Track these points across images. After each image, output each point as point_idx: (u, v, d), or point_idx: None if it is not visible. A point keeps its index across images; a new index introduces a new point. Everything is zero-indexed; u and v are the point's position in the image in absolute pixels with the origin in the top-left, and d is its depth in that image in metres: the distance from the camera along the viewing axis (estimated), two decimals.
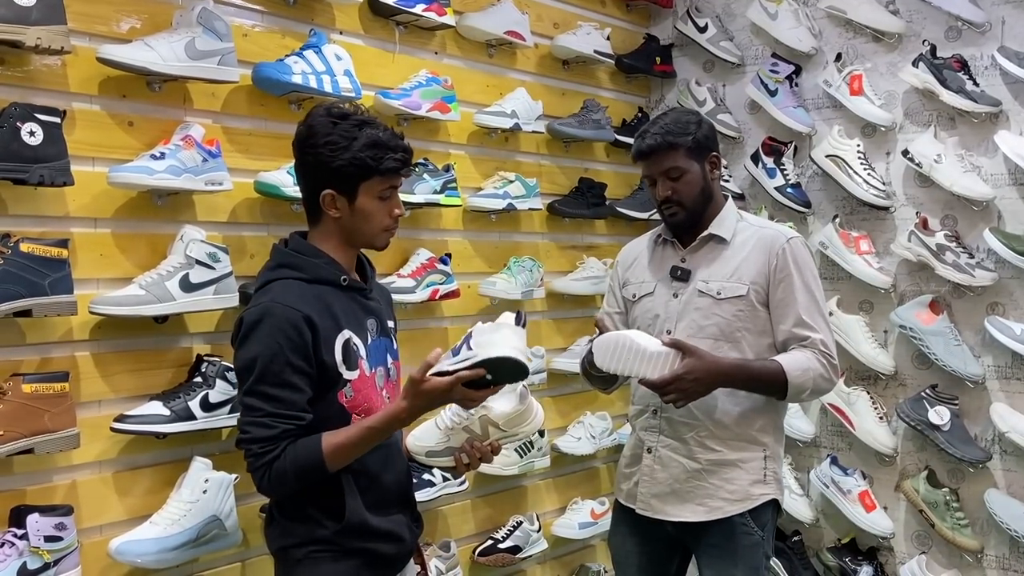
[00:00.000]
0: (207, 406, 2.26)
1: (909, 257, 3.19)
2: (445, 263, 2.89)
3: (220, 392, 2.28)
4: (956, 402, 3.12)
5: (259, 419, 1.77)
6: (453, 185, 2.91)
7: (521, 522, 3.13)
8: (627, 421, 2.55)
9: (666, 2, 3.82)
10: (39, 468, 2.09)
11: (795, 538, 3.40)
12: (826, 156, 3.34)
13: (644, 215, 3.59)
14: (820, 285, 2.29)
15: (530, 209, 3.21)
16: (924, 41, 3.20)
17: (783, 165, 3.46)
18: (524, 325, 1.78)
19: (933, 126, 3.22)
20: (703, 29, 3.68)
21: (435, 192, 2.84)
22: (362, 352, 1.90)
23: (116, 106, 2.24)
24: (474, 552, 3.03)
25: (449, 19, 2.92)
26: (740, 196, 3.60)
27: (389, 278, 2.75)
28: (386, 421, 1.83)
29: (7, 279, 1.94)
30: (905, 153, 3.20)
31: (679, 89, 3.79)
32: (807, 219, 3.48)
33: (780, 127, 3.50)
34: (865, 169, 3.28)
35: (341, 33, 2.74)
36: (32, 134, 1.99)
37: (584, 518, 3.32)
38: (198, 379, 2.28)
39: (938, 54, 3.16)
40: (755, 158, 3.52)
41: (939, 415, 3.08)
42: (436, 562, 2.81)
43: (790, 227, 2.70)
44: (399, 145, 1.89)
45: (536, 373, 3.14)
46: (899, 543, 3.30)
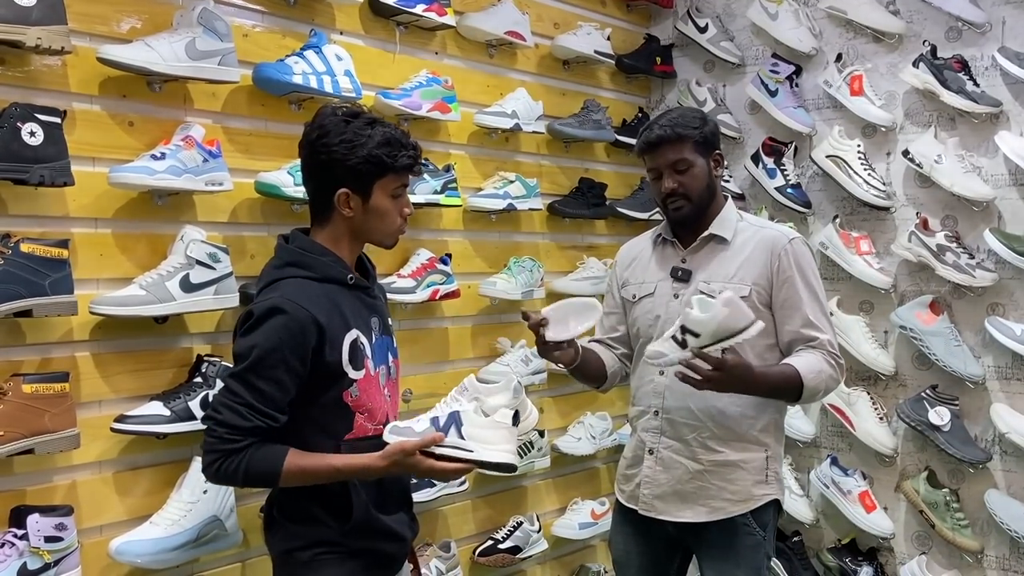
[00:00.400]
0: (207, 406, 2.22)
1: (909, 257, 3.18)
2: (445, 263, 2.89)
3: None
4: (956, 403, 3.11)
5: (236, 405, 1.74)
6: (453, 185, 2.91)
7: (521, 522, 3.13)
8: (627, 421, 2.54)
9: (666, 2, 3.81)
10: (39, 468, 2.09)
11: (795, 538, 3.40)
12: (826, 156, 3.33)
13: (644, 215, 3.59)
14: (822, 285, 2.29)
15: (530, 209, 3.20)
16: (924, 41, 3.20)
17: (783, 165, 3.45)
18: (518, 424, 1.78)
19: (933, 126, 3.21)
20: (703, 29, 3.68)
21: (435, 192, 2.84)
22: (368, 351, 1.89)
23: (116, 106, 2.24)
24: (474, 552, 3.03)
25: (449, 19, 2.92)
26: (740, 196, 3.60)
27: (389, 278, 2.75)
28: (355, 470, 1.82)
29: (7, 279, 1.94)
30: (905, 153, 3.20)
31: (679, 89, 3.79)
32: (807, 219, 3.48)
33: (780, 127, 3.49)
34: (865, 169, 3.28)
35: (341, 33, 2.73)
36: (32, 134, 1.99)
37: (584, 518, 3.31)
38: (198, 379, 2.27)
39: (938, 54, 3.15)
40: (755, 158, 3.52)
41: (939, 415, 3.08)
42: (436, 562, 2.80)
43: (790, 227, 2.69)
44: (410, 143, 1.89)
45: (536, 374, 3.15)
46: (899, 543, 3.30)
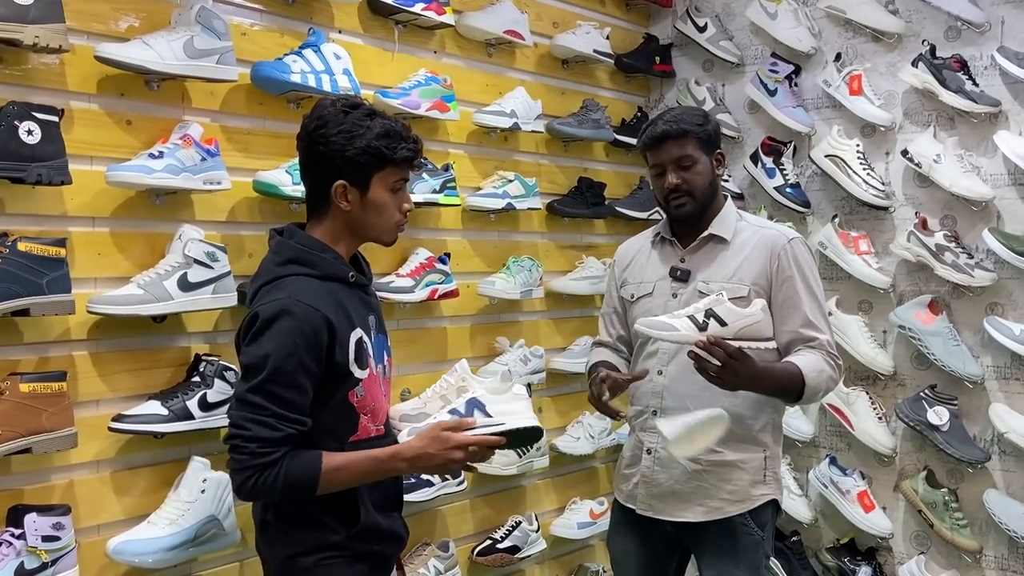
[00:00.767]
0: (205, 406, 2.25)
1: (908, 257, 3.18)
2: (444, 262, 2.89)
3: (218, 392, 2.27)
4: (955, 402, 3.11)
5: (263, 418, 1.68)
6: (452, 184, 2.90)
7: (520, 522, 3.12)
8: (626, 421, 2.54)
9: (665, 2, 3.81)
10: (37, 468, 2.09)
11: (794, 538, 3.39)
12: (825, 156, 3.33)
13: (643, 215, 3.58)
14: (821, 285, 2.29)
15: (529, 209, 3.20)
16: (924, 41, 3.20)
17: (782, 165, 3.45)
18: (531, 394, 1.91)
19: (932, 126, 3.21)
20: (702, 29, 3.68)
21: (434, 191, 2.83)
22: (370, 350, 1.86)
23: (114, 105, 2.24)
24: (473, 552, 3.03)
25: (448, 18, 2.91)
26: (739, 196, 3.60)
27: (388, 277, 2.75)
28: (391, 459, 1.78)
29: (5, 278, 1.94)
30: (904, 153, 3.19)
31: (678, 89, 3.78)
32: (806, 219, 3.48)
33: (779, 127, 3.49)
34: (864, 169, 3.27)
35: (340, 32, 2.73)
36: (30, 133, 1.98)
37: (583, 518, 3.31)
38: (196, 379, 2.27)
39: (938, 54, 3.15)
40: (754, 158, 3.51)
41: (938, 415, 3.07)
42: (435, 562, 2.80)
43: (789, 227, 2.69)
44: (411, 135, 1.85)
45: (535, 373, 3.15)
46: (898, 543, 3.30)
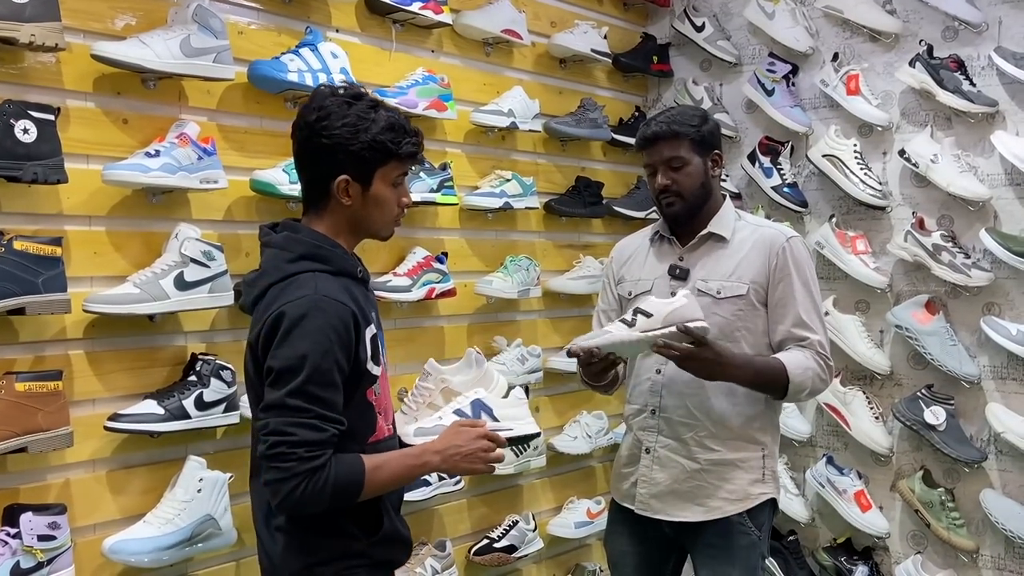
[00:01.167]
0: (201, 405, 2.24)
1: (905, 257, 3.18)
2: (441, 262, 2.88)
3: (215, 391, 2.27)
4: (952, 402, 3.11)
5: (308, 420, 1.60)
6: (450, 183, 2.90)
7: (517, 521, 3.12)
8: (623, 420, 2.54)
9: (663, 1, 3.80)
10: (32, 467, 2.08)
11: (791, 538, 3.39)
12: (823, 156, 3.33)
13: (641, 214, 3.58)
14: (817, 285, 2.29)
15: (527, 208, 3.19)
16: (921, 41, 3.20)
17: (780, 165, 3.45)
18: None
19: (930, 126, 3.21)
20: (700, 28, 3.67)
21: (432, 190, 2.83)
22: (381, 346, 1.82)
23: (111, 103, 2.23)
24: (470, 551, 3.02)
25: (446, 17, 2.91)
26: (737, 195, 3.60)
27: (385, 276, 2.74)
28: (421, 450, 1.77)
29: (0, 277, 1.93)
30: (902, 153, 3.19)
31: (676, 88, 3.78)
32: (804, 219, 3.48)
33: (777, 126, 3.49)
34: (862, 169, 3.27)
35: (337, 31, 2.72)
36: (26, 131, 1.97)
37: (580, 517, 3.31)
38: (192, 378, 2.27)
39: (935, 54, 3.15)
40: (752, 157, 3.51)
41: (935, 415, 3.07)
42: (432, 561, 2.80)
43: (788, 226, 2.69)
44: (413, 129, 1.80)
45: (533, 372, 3.15)
46: (895, 543, 3.30)
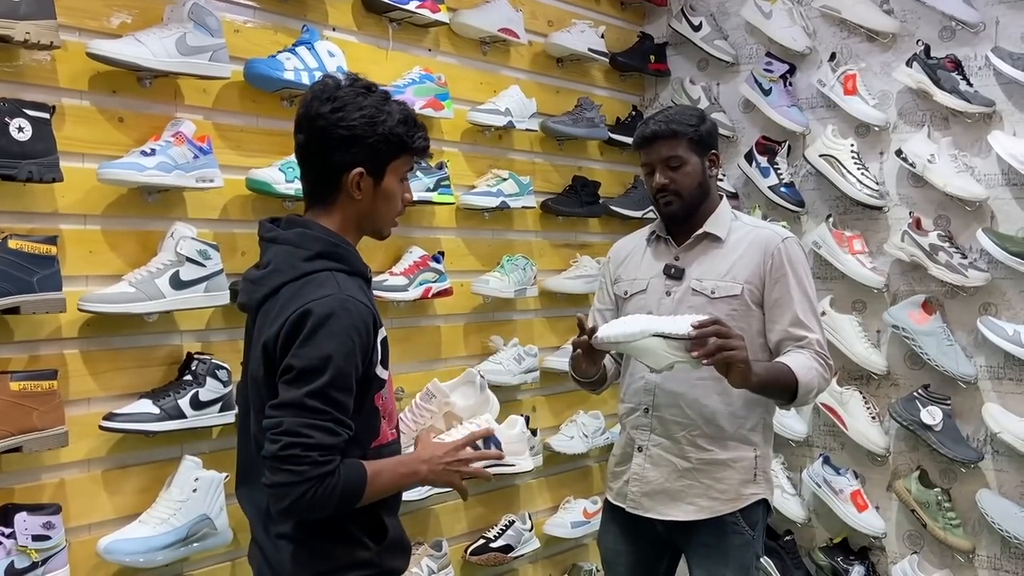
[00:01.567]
0: (197, 404, 2.24)
1: (902, 257, 3.18)
2: (438, 261, 2.88)
3: (210, 390, 2.27)
4: (948, 402, 3.11)
5: (325, 423, 1.56)
6: (446, 183, 2.89)
7: (513, 521, 3.12)
8: (618, 420, 2.54)
9: (661, 0, 3.80)
10: (27, 467, 2.08)
11: (787, 537, 3.40)
12: (820, 155, 3.33)
13: (638, 213, 3.58)
14: (813, 285, 2.29)
15: (523, 207, 3.19)
16: (918, 41, 3.19)
17: (777, 164, 3.45)
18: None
19: (927, 126, 3.21)
20: (697, 28, 3.67)
21: (428, 190, 2.83)
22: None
23: (106, 102, 2.23)
24: (466, 551, 3.02)
25: (443, 16, 2.91)
26: (734, 195, 3.60)
27: (381, 276, 2.74)
28: (411, 457, 1.76)
29: None
30: (899, 153, 3.19)
31: (673, 88, 3.78)
32: (801, 219, 3.48)
33: (774, 126, 3.49)
34: (859, 169, 3.27)
35: (334, 30, 2.72)
36: (21, 130, 1.97)
37: (576, 517, 3.31)
38: (188, 377, 2.26)
39: (932, 54, 3.15)
40: (749, 157, 3.51)
41: (931, 415, 3.07)
42: (428, 561, 2.79)
43: (784, 227, 2.70)
44: (423, 124, 1.78)
45: (529, 372, 3.15)
46: (891, 543, 3.30)
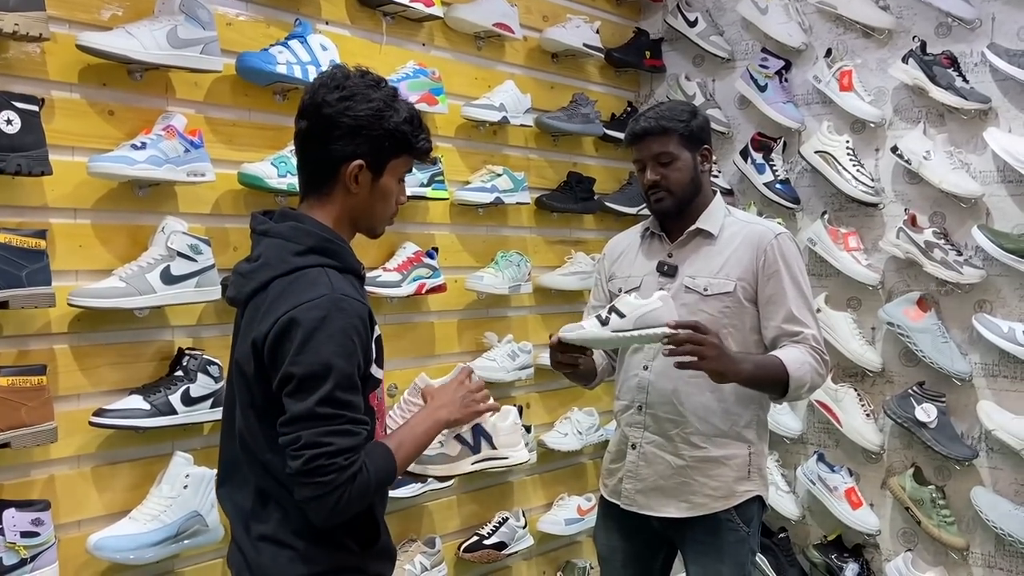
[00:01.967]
0: (188, 400, 2.24)
1: (897, 254, 3.19)
2: (432, 257, 2.88)
3: (201, 386, 2.26)
4: (943, 399, 3.12)
5: (342, 426, 1.53)
6: (440, 178, 2.89)
7: (507, 518, 3.13)
8: (613, 417, 2.54)
9: None
10: (16, 462, 2.07)
11: (781, 535, 3.40)
12: (815, 152, 3.33)
13: (633, 210, 3.58)
14: (808, 281, 2.29)
15: (518, 203, 3.19)
16: (914, 37, 3.20)
17: (772, 161, 3.45)
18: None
19: (922, 123, 3.22)
20: (693, 23, 3.67)
21: (422, 185, 2.82)
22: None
23: (96, 95, 2.22)
24: (459, 548, 3.03)
25: (437, 10, 2.90)
26: (729, 192, 3.60)
27: (375, 272, 2.73)
28: (428, 409, 1.76)
29: None
30: (894, 150, 3.20)
31: (669, 84, 3.78)
32: (796, 215, 3.48)
33: (769, 122, 3.49)
34: (854, 165, 3.28)
35: (327, 23, 2.71)
36: (9, 122, 1.96)
37: (570, 514, 3.31)
38: (179, 373, 2.26)
39: (928, 50, 3.15)
40: (744, 153, 3.52)
41: (926, 412, 3.08)
42: (421, 558, 2.80)
43: (779, 223, 2.69)
44: (427, 127, 1.75)
45: (523, 368, 3.15)
46: (885, 540, 3.31)
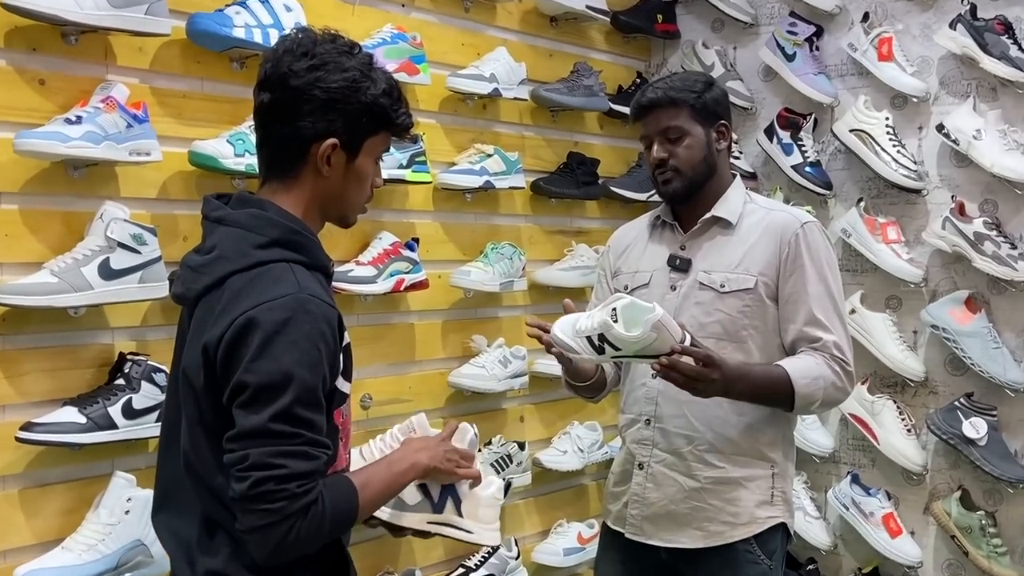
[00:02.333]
0: (130, 413, 2.21)
1: (943, 247, 3.18)
2: (412, 249, 2.86)
3: (146, 396, 2.23)
4: (994, 413, 3.11)
5: (298, 447, 1.48)
6: (422, 159, 2.86)
7: (497, 548, 3.07)
8: (618, 433, 2.51)
9: None
10: None
11: (810, 566, 3.40)
12: (850, 131, 3.32)
13: (642, 196, 3.56)
14: (838, 278, 2.27)
15: (511, 188, 3.17)
16: (963, 0, 3.17)
17: (801, 140, 3.44)
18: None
19: (972, 97, 3.21)
20: None
21: (401, 167, 2.79)
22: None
23: (25, 61, 2.18)
24: None
25: None
26: (751, 175, 3.60)
27: (347, 265, 2.71)
28: (400, 454, 1.75)
29: None
30: (940, 128, 3.18)
31: (683, 52, 3.80)
32: (828, 202, 3.48)
33: (798, 97, 3.49)
34: (894, 146, 3.26)
35: None
36: None
37: (570, 543, 3.29)
38: (120, 381, 2.24)
39: (979, 15, 3.13)
40: (769, 132, 3.51)
41: (975, 428, 3.07)
42: None
43: (808, 211, 2.67)
44: (406, 99, 1.70)
45: (517, 377, 3.14)
46: (928, 573, 3.30)
